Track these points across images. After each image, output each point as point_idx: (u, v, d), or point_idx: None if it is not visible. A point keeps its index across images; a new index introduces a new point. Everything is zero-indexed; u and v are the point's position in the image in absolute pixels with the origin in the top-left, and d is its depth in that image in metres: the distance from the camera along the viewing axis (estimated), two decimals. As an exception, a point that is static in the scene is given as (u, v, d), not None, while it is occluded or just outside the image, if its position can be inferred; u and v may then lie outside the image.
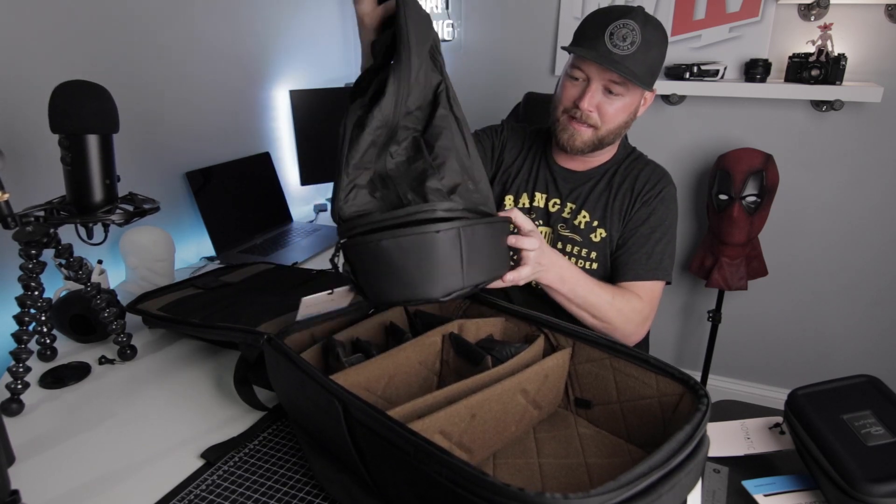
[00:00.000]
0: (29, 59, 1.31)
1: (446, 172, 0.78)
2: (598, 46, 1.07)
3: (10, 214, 0.92)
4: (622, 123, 1.15)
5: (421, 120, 0.83)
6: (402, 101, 0.79)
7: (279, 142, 2.17)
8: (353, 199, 0.79)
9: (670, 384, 0.77)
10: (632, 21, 1.07)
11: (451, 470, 0.57)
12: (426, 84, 0.82)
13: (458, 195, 0.78)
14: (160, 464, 0.86)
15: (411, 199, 0.76)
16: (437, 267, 0.74)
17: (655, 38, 1.09)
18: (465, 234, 0.75)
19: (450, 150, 0.80)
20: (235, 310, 1.11)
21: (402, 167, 0.80)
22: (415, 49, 0.77)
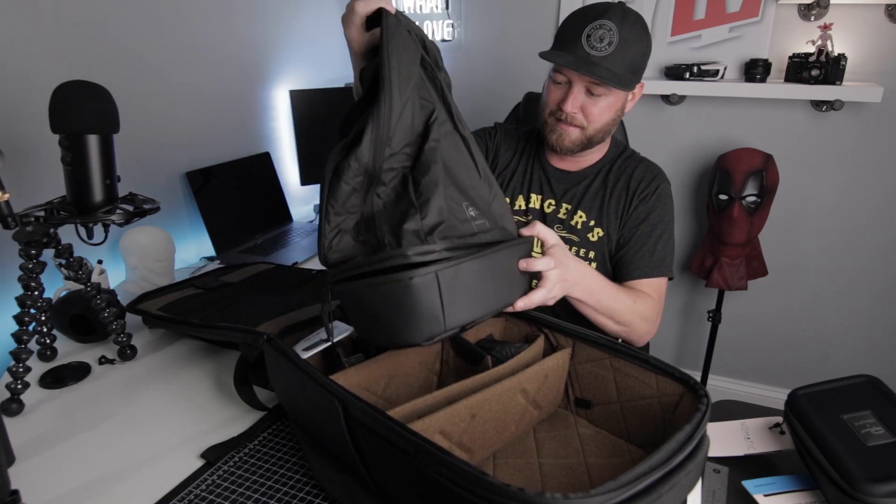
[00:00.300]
0: (29, 59, 1.31)
1: (428, 211, 0.74)
2: (576, 50, 1.08)
3: (10, 214, 0.92)
4: (609, 121, 1.16)
5: (410, 156, 0.79)
6: (381, 146, 0.75)
7: (279, 142, 2.17)
8: (336, 244, 0.77)
9: (670, 384, 0.77)
10: (608, 21, 1.06)
11: (450, 470, 0.57)
12: (414, 120, 0.78)
13: (439, 234, 0.74)
14: (160, 464, 0.86)
15: (388, 243, 0.73)
16: (414, 314, 0.71)
17: (634, 34, 1.08)
18: (445, 278, 0.71)
19: (435, 186, 0.76)
20: (235, 310, 1.11)
21: (390, 207, 0.77)
22: (396, 89, 0.74)
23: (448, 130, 0.83)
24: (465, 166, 0.84)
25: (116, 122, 1.01)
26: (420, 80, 0.79)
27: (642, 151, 1.73)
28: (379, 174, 0.76)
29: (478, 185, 0.84)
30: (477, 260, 0.76)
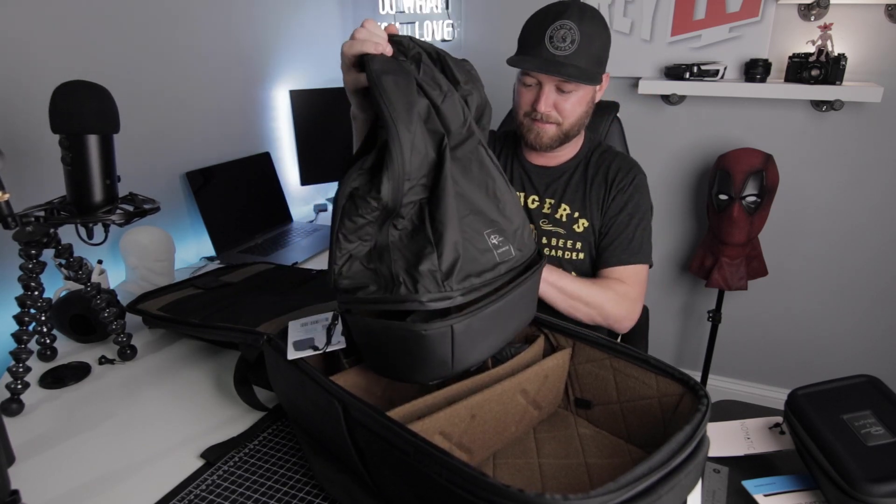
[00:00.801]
0: (29, 59, 1.31)
1: (444, 248, 0.71)
2: (541, 52, 1.12)
3: (10, 214, 0.92)
4: (582, 114, 1.20)
5: (427, 187, 0.75)
6: (400, 184, 0.70)
7: (279, 142, 2.17)
8: (347, 270, 0.75)
9: (670, 384, 0.77)
10: (568, 21, 1.10)
11: (450, 471, 0.57)
12: (427, 150, 0.73)
13: (457, 275, 0.71)
14: (160, 464, 0.86)
15: (403, 282, 0.70)
16: (424, 360, 0.71)
17: (595, 29, 1.12)
18: (459, 329, 0.70)
19: (450, 219, 0.72)
20: (235, 310, 1.11)
21: (406, 240, 0.74)
22: (402, 125, 0.69)
23: (471, 149, 0.79)
24: (493, 186, 0.80)
25: (116, 122, 1.01)
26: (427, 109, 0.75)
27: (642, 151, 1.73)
28: (398, 209, 0.73)
29: (508, 201, 0.81)
30: (493, 305, 0.74)
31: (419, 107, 0.72)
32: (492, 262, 0.75)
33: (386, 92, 0.69)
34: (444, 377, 0.74)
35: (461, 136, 0.77)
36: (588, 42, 1.10)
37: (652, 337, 1.48)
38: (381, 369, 0.79)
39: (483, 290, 0.73)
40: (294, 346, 0.84)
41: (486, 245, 0.76)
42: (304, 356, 0.82)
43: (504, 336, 0.80)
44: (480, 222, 0.77)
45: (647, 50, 2.08)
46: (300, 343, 0.85)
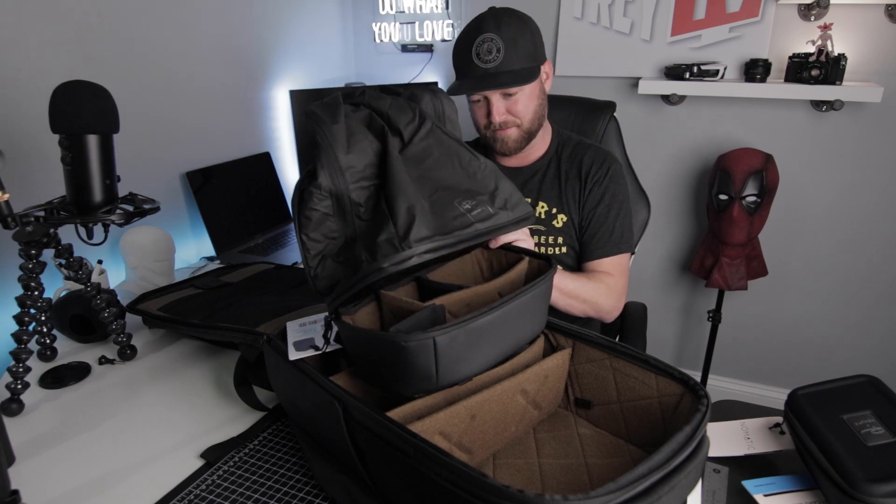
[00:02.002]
0: (29, 59, 1.31)
1: (398, 214, 0.73)
2: (473, 71, 1.16)
3: (10, 214, 0.92)
4: (537, 108, 1.23)
5: (376, 172, 0.80)
6: (334, 167, 0.76)
7: (279, 142, 2.17)
8: (322, 271, 0.78)
9: (670, 384, 0.77)
10: (487, 33, 1.14)
11: (450, 471, 0.57)
12: (367, 140, 0.80)
13: (415, 236, 0.71)
14: (160, 464, 0.86)
15: (364, 259, 0.72)
16: (406, 372, 0.69)
17: (514, 30, 1.15)
18: (442, 342, 0.67)
19: (402, 191, 0.75)
20: (235, 310, 1.11)
21: (369, 224, 0.77)
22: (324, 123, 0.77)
23: (426, 132, 0.85)
24: (457, 160, 0.85)
25: (116, 122, 1.01)
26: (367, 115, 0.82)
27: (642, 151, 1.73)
28: (347, 193, 0.77)
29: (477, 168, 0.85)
30: (483, 318, 0.71)
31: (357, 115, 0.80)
32: (465, 223, 0.77)
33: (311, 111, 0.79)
34: (429, 391, 0.73)
35: (414, 127, 0.84)
36: (512, 45, 1.14)
37: (652, 337, 1.48)
38: (369, 378, 0.78)
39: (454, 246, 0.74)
40: (294, 346, 0.84)
41: (458, 211, 0.78)
42: (305, 356, 0.82)
43: (501, 349, 0.78)
44: (450, 195, 0.80)
45: (647, 50, 2.08)
46: (300, 343, 0.85)
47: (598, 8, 2.09)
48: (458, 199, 0.80)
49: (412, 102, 0.86)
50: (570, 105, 1.58)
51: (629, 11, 2.06)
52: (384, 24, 2.40)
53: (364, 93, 0.86)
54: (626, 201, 1.29)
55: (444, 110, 0.90)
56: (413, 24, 2.36)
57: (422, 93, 0.89)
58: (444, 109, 0.90)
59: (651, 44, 2.07)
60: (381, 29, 2.41)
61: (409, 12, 2.36)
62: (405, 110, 0.84)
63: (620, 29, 2.08)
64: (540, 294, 0.81)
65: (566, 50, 2.18)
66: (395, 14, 2.38)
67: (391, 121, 0.82)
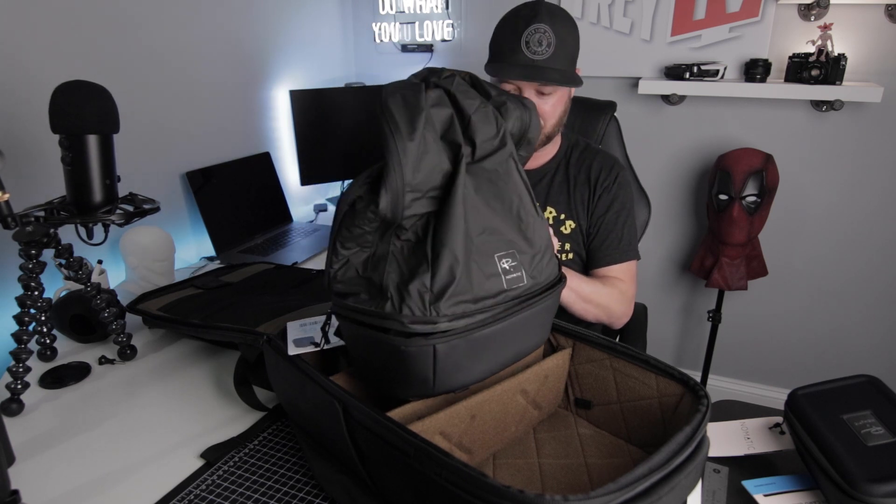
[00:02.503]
0: (29, 59, 1.31)
1: (439, 269, 0.67)
2: (519, 58, 1.10)
3: (10, 214, 0.92)
4: (561, 114, 1.21)
5: (437, 199, 0.71)
6: (399, 197, 0.67)
7: (279, 142, 2.17)
8: (342, 275, 0.74)
9: (670, 384, 0.77)
10: (542, 24, 1.09)
11: (450, 471, 0.57)
12: (439, 159, 0.70)
13: (447, 300, 0.66)
14: (160, 464, 0.86)
15: (391, 296, 0.68)
16: (404, 375, 0.69)
17: (567, 29, 1.12)
18: (442, 350, 0.66)
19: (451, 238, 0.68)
20: (235, 310, 1.11)
21: (406, 252, 0.71)
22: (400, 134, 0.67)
23: (501, 161, 0.75)
24: (518, 204, 0.75)
25: (116, 122, 1.01)
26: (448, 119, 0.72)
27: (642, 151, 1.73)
28: (399, 221, 0.69)
29: (531, 223, 0.76)
30: (487, 328, 0.70)
31: (436, 115, 0.70)
32: (496, 288, 0.70)
33: (389, 109, 0.68)
34: (424, 396, 0.73)
35: (491, 146, 0.74)
36: (563, 44, 1.10)
37: (652, 337, 1.48)
38: (366, 378, 0.78)
39: (477, 316, 0.69)
40: (294, 343, 0.84)
41: (496, 269, 0.71)
42: (304, 352, 0.82)
43: (500, 360, 0.76)
44: (495, 242, 0.72)
45: (647, 50, 2.08)
46: (300, 340, 0.85)
47: (598, 8, 2.09)
48: (500, 252, 0.72)
49: (500, 116, 0.76)
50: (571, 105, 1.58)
51: (629, 11, 2.06)
52: (384, 24, 2.40)
53: (453, 78, 0.75)
54: (633, 208, 1.29)
55: (530, 131, 0.80)
56: (413, 24, 2.36)
57: (514, 106, 0.77)
58: (530, 130, 0.80)
59: (651, 44, 2.07)
60: (381, 29, 2.41)
61: (409, 12, 2.36)
62: (490, 123, 0.74)
63: (620, 29, 2.08)
64: (546, 308, 0.78)
65: (566, 50, 2.18)
66: (395, 14, 2.38)
67: (471, 128, 0.72)
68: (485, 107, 0.74)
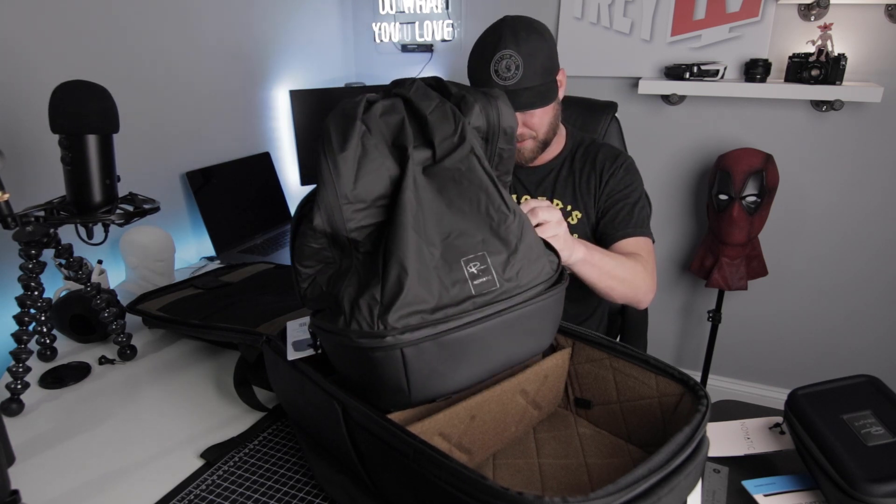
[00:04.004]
0: (29, 59, 1.31)
1: (388, 279, 0.65)
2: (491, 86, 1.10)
3: (10, 214, 0.92)
4: (553, 119, 1.21)
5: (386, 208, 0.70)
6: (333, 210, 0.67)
7: (279, 142, 2.17)
8: (311, 292, 0.74)
9: (670, 384, 0.77)
10: (506, 49, 1.10)
11: (449, 473, 0.57)
12: (384, 166, 0.69)
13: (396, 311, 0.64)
14: (160, 464, 0.86)
15: (344, 310, 0.66)
16: (378, 384, 0.67)
17: (533, 45, 1.12)
18: (410, 354, 0.64)
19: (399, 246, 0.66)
20: (235, 310, 1.11)
21: (365, 265, 0.69)
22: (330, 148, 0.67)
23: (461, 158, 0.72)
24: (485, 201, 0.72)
25: (116, 122, 1.01)
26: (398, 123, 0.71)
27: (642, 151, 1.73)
28: (346, 235, 0.68)
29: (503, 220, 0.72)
30: (461, 331, 0.66)
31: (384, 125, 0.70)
32: (462, 295, 0.67)
33: (325, 126, 0.69)
34: (403, 406, 0.70)
35: (450, 144, 0.71)
36: (531, 61, 1.11)
37: (652, 337, 1.48)
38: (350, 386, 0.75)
39: (439, 326, 0.65)
40: (293, 346, 0.84)
41: (462, 275, 0.67)
42: (303, 356, 0.82)
43: (487, 367, 0.71)
44: (463, 246, 0.69)
45: (647, 50, 2.08)
46: (299, 343, 0.85)
47: (598, 8, 2.09)
48: (468, 257, 0.69)
49: (458, 112, 0.73)
50: (572, 105, 1.58)
51: (629, 11, 2.06)
52: (384, 24, 2.40)
53: (413, 84, 0.75)
54: (643, 192, 1.28)
55: (500, 120, 0.77)
56: (413, 24, 2.36)
57: (474, 99, 0.75)
58: (501, 119, 0.76)
59: (651, 44, 2.07)
60: (381, 29, 2.41)
61: (409, 12, 2.36)
62: (447, 121, 0.72)
63: (620, 29, 2.08)
64: (540, 311, 0.73)
65: (566, 50, 2.18)
66: (395, 14, 2.38)
67: (428, 128, 0.71)
68: (442, 105, 0.73)
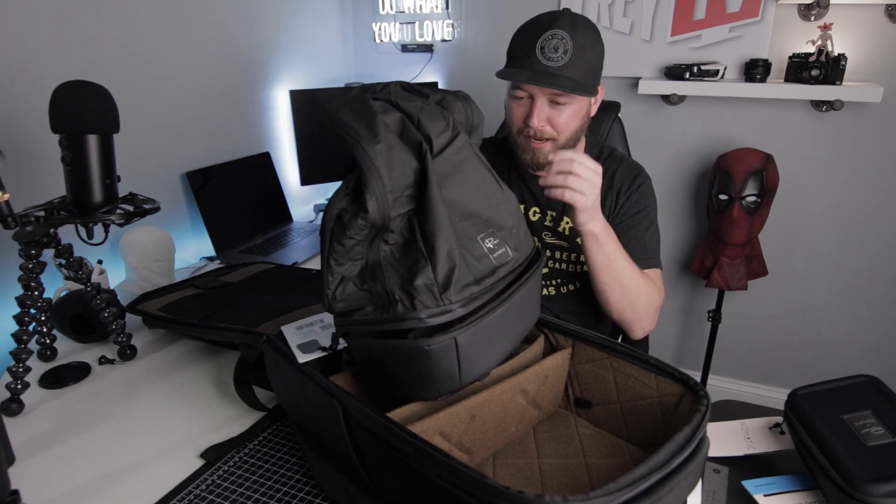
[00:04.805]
0: (29, 59, 1.31)
1: (438, 260, 0.68)
2: (532, 63, 1.06)
3: (10, 214, 0.92)
4: (577, 129, 1.15)
5: (413, 197, 0.73)
6: (384, 198, 0.69)
7: (279, 142, 2.17)
8: (341, 293, 0.74)
9: (670, 384, 0.77)
10: (559, 30, 1.05)
11: (450, 472, 0.57)
12: (406, 158, 0.72)
13: (455, 286, 0.68)
14: (160, 464, 0.86)
15: (399, 299, 0.68)
16: (430, 376, 0.70)
17: (587, 38, 1.07)
18: (463, 340, 0.68)
19: (440, 229, 0.70)
20: (235, 310, 1.11)
21: (398, 254, 0.72)
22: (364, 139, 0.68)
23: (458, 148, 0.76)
24: (483, 186, 0.77)
25: (116, 122, 1.01)
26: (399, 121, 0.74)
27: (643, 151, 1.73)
28: (387, 224, 0.70)
29: (501, 200, 0.78)
30: (496, 311, 0.72)
31: (388, 120, 0.72)
32: (490, 266, 0.73)
33: (343, 121, 0.70)
34: (452, 391, 0.73)
35: (446, 138, 0.75)
36: (581, 52, 1.06)
37: (652, 337, 1.48)
38: (387, 388, 0.77)
39: (483, 297, 0.70)
40: (300, 349, 0.84)
41: (482, 250, 0.73)
42: (314, 358, 0.82)
43: (510, 341, 0.79)
44: (474, 226, 0.74)
45: (647, 50, 2.08)
46: (305, 346, 0.85)
47: (598, 8, 2.09)
48: (482, 234, 0.74)
49: (444, 110, 0.77)
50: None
51: (629, 11, 2.06)
52: (384, 24, 2.40)
53: (388, 88, 0.77)
54: (655, 217, 1.24)
55: (474, 119, 0.81)
56: (413, 24, 2.36)
57: (453, 100, 0.79)
58: (474, 119, 0.81)
59: (651, 44, 2.07)
60: (381, 29, 2.41)
61: (409, 12, 2.36)
62: (437, 118, 0.75)
63: (620, 29, 2.08)
64: (536, 282, 0.81)
65: (566, 50, 2.18)
66: (395, 14, 2.38)
67: (422, 127, 0.74)
68: (428, 105, 0.76)
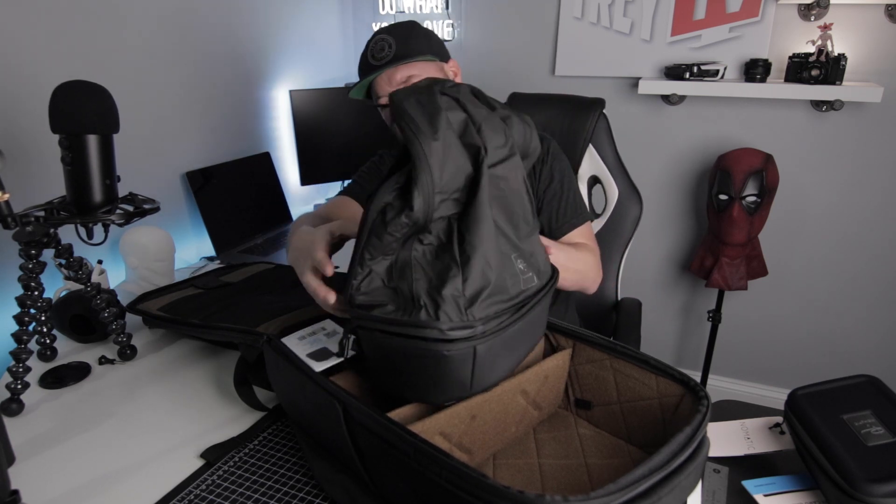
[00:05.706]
0: (29, 59, 1.31)
1: (470, 273, 0.67)
2: (367, 70, 1.18)
3: (10, 214, 0.92)
4: None
5: (460, 202, 0.70)
6: (431, 199, 0.67)
7: (279, 142, 2.17)
8: (366, 286, 0.72)
9: (670, 385, 0.77)
10: (382, 35, 1.17)
11: (450, 472, 0.57)
12: (461, 160, 0.69)
13: (481, 303, 0.67)
14: (160, 464, 0.86)
15: (424, 304, 0.67)
16: (442, 381, 0.69)
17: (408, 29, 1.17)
18: (481, 351, 0.68)
19: (482, 244, 0.68)
20: (235, 310, 1.11)
21: (430, 257, 0.70)
22: (424, 134, 0.66)
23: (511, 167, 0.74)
24: (522, 213, 0.76)
25: (116, 122, 1.01)
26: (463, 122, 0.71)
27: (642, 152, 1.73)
28: (428, 223, 0.69)
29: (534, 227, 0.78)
30: (516, 324, 0.72)
31: (451, 117, 0.69)
32: (516, 289, 0.72)
33: (406, 112, 0.67)
34: (460, 398, 0.73)
35: (502, 154, 0.73)
36: (404, 41, 1.15)
37: (652, 337, 1.49)
38: (394, 388, 0.76)
39: (502, 317, 0.70)
40: (311, 357, 0.83)
41: (513, 270, 0.72)
42: (330, 366, 0.82)
43: (519, 355, 0.79)
44: (509, 245, 0.73)
45: (647, 50, 2.08)
46: (317, 354, 0.85)
47: (598, 8, 2.09)
48: (514, 254, 0.73)
49: (506, 127, 0.74)
50: (558, 104, 1.56)
51: (629, 11, 2.06)
52: (384, 24, 2.39)
53: (458, 88, 0.74)
54: (572, 175, 1.29)
55: (531, 145, 0.79)
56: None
57: (518, 121, 0.77)
58: (532, 144, 0.79)
59: (651, 44, 2.07)
60: (381, 29, 2.41)
61: (409, 12, 2.36)
62: (499, 131, 0.72)
63: (620, 29, 2.08)
64: (548, 302, 0.81)
65: (566, 50, 2.18)
66: (395, 14, 2.38)
67: (482, 136, 0.71)
68: (492, 117, 0.73)
